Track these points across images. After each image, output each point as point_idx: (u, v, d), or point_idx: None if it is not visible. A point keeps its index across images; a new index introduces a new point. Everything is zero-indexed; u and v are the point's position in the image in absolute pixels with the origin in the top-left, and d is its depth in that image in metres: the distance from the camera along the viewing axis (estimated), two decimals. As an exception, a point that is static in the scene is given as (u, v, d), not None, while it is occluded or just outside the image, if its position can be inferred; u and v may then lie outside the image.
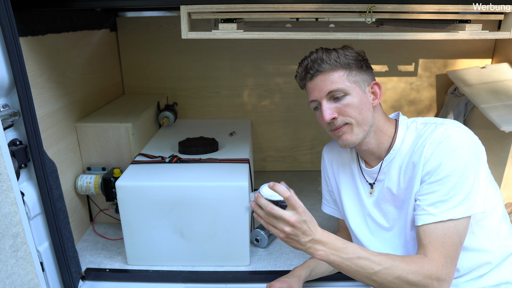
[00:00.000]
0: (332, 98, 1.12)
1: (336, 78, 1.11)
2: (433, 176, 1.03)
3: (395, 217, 1.17)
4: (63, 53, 1.66)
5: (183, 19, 1.19)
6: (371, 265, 0.97)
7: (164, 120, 2.10)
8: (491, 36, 1.22)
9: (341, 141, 1.15)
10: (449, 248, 0.99)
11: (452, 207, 1.00)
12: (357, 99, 1.12)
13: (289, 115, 2.41)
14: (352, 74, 1.13)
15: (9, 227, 0.99)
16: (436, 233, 1.00)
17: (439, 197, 1.02)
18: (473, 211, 1.01)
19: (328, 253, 0.98)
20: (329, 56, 1.11)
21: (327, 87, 1.11)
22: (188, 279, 1.47)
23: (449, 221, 1.00)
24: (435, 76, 2.35)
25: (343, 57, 1.12)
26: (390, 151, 1.17)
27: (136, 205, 1.44)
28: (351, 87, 1.12)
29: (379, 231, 1.22)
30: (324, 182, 1.44)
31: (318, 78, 1.13)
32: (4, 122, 1.08)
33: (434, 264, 0.98)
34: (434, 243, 1.00)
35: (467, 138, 1.04)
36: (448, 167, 1.01)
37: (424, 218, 1.03)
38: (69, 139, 1.68)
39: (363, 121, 1.13)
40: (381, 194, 1.20)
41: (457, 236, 1.00)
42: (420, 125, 1.14)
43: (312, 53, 1.15)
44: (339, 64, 1.11)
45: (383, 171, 1.19)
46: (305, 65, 1.14)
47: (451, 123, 1.08)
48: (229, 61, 2.33)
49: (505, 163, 1.72)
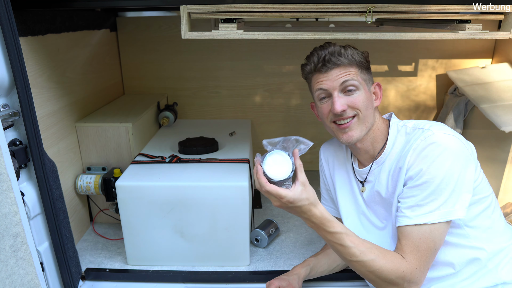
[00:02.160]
0: (344, 90, 1.14)
1: (351, 72, 1.14)
2: (413, 180, 1.06)
3: (386, 217, 1.20)
4: (63, 53, 1.66)
5: (183, 19, 1.19)
6: (354, 252, 1.02)
7: (164, 120, 2.10)
8: (491, 36, 1.22)
9: (346, 137, 1.16)
10: (423, 252, 1.02)
11: (428, 211, 1.02)
12: (365, 96, 1.15)
13: (289, 115, 2.41)
14: (363, 72, 1.16)
15: (9, 227, 0.99)
16: (412, 236, 1.03)
17: (417, 201, 1.04)
18: (451, 217, 1.02)
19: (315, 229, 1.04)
20: (346, 52, 1.14)
21: (343, 79, 1.13)
22: (188, 279, 1.47)
23: (424, 225, 1.02)
24: (435, 76, 2.35)
25: (357, 55, 1.15)
26: (381, 155, 1.18)
27: (136, 205, 1.44)
28: (362, 84, 1.15)
29: (373, 230, 1.24)
30: (322, 181, 1.45)
31: (334, 70, 1.14)
32: (4, 122, 1.08)
33: (410, 266, 1.01)
34: (410, 245, 1.03)
35: (451, 145, 1.05)
36: (428, 174, 1.03)
37: (401, 220, 1.06)
38: (69, 139, 1.68)
39: (367, 117, 1.16)
40: (371, 195, 1.22)
41: (432, 241, 1.02)
42: (410, 129, 1.15)
43: (328, 45, 1.16)
44: (354, 61, 1.14)
45: (373, 172, 1.21)
46: (322, 56, 1.14)
47: (437, 128, 1.08)
48: (229, 61, 2.32)
49: (505, 163, 1.72)
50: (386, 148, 1.17)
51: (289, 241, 1.72)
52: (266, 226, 1.69)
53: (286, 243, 1.70)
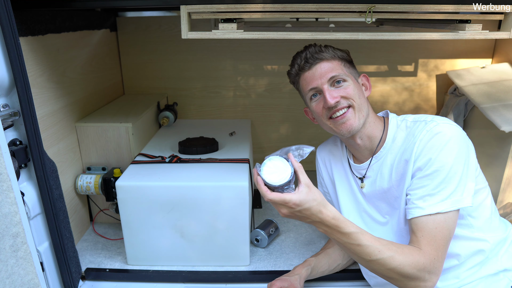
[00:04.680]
0: (333, 83, 1.16)
1: (335, 66, 1.17)
2: (422, 171, 1.06)
3: (388, 212, 1.20)
4: (63, 53, 1.66)
5: (183, 19, 1.19)
6: (371, 252, 0.99)
7: (164, 120, 2.10)
8: (491, 36, 1.22)
9: (345, 128, 1.16)
10: (440, 241, 1.02)
11: (440, 200, 1.03)
12: (354, 86, 1.17)
13: (289, 115, 2.41)
14: (346, 66, 1.20)
15: (9, 227, 0.99)
16: (428, 227, 1.03)
17: (428, 191, 1.05)
18: (461, 205, 1.04)
19: (329, 233, 1.01)
20: (326, 49, 1.19)
21: (328, 73, 1.16)
22: (188, 279, 1.47)
23: (437, 215, 1.03)
24: (435, 76, 2.35)
25: (338, 51, 1.20)
26: (380, 149, 1.19)
27: (136, 205, 1.44)
28: (348, 75, 1.18)
29: (375, 226, 1.24)
30: (319, 184, 1.45)
31: (317, 66, 1.17)
32: (4, 122, 1.08)
33: (427, 257, 1.00)
34: (427, 236, 1.02)
35: (456, 134, 1.07)
36: (438, 162, 1.04)
37: (414, 211, 1.06)
38: (69, 139, 1.68)
39: (362, 106, 1.17)
40: (372, 191, 1.22)
41: (447, 229, 1.03)
42: (410, 123, 1.17)
43: (308, 46, 1.20)
44: (336, 56, 1.19)
45: (372, 168, 1.21)
46: (303, 56, 1.19)
47: (440, 119, 1.11)
48: (229, 61, 2.32)
49: (505, 163, 1.72)
50: (385, 142, 1.18)
51: (289, 241, 1.72)
52: (266, 226, 1.69)
53: (286, 243, 1.70)
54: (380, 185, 1.19)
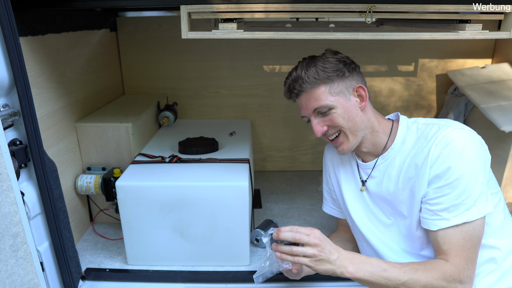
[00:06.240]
0: (319, 113, 1.16)
1: (319, 95, 1.14)
2: (442, 179, 1.03)
3: (392, 214, 1.19)
4: (63, 53, 1.66)
5: (183, 19, 1.19)
6: (398, 276, 1.00)
7: (164, 120, 2.10)
8: (491, 36, 1.22)
9: (340, 150, 1.19)
10: (469, 250, 1.01)
11: (465, 210, 1.01)
12: (342, 110, 1.14)
13: (289, 115, 2.41)
14: (333, 86, 1.14)
15: (9, 227, 0.99)
16: (455, 238, 1.01)
17: (451, 201, 1.02)
18: (486, 211, 1.02)
19: (357, 269, 1.01)
20: (307, 74, 1.14)
21: (312, 105, 1.15)
22: (188, 279, 1.47)
23: (465, 224, 1.01)
24: (435, 76, 2.35)
25: (322, 71, 1.13)
26: (387, 150, 1.17)
27: (136, 205, 1.44)
28: (335, 100, 1.14)
29: (381, 228, 1.23)
30: (325, 181, 1.45)
31: (302, 96, 1.18)
32: (4, 122, 1.08)
33: (456, 268, 1.00)
34: (455, 248, 1.01)
35: (472, 140, 1.05)
36: (458, 170, 1.01)
37: (439, 223, 1.04)
38: (69, 139, 1.68)
39: (354, 127, 1.15)
40: (378, 192, 1.21)
41: (476, 237, 1.02)
42: (422, 125, 1.14)
43: (293, 70, 1.19)
44: (319, 81, 1.14)
45: (379, 168, 1.20)
46: (287, 85, 1.20)
47: (454, 124, 1.08)
48: (229, 61, 2.32)
49: (505, 163, 1.72)
50: (394, 143, 1.16)
51: (289, 241, 1.71)
52: (266, 226, 1.69)
53: (286, 243, 1.70)
54: (387, 187, 1.17)
